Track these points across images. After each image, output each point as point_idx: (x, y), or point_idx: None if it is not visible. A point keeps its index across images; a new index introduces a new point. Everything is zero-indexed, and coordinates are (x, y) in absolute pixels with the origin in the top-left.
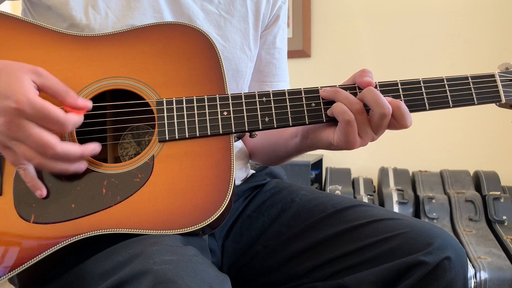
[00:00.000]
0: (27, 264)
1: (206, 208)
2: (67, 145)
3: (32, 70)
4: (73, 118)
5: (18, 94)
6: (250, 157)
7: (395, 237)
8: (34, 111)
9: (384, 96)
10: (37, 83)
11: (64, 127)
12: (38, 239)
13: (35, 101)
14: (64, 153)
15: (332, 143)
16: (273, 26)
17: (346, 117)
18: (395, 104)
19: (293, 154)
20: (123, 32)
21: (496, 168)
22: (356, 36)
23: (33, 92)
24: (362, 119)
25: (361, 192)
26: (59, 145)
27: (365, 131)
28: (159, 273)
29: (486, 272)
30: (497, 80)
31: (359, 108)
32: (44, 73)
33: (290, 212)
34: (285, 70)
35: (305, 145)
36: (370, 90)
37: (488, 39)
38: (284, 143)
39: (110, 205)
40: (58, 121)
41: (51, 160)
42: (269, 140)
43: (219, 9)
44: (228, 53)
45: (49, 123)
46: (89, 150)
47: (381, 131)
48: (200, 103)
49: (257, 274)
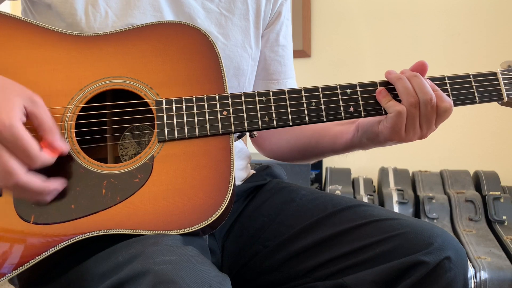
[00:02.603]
0: (27, 265)
1: (206, 208)
2: (30, 178)
3: (29, 96)
4: (44, 157)
5: (3, 115)
6: (272, 156)
7: (395, 237)
8: (11, 137)
9: None
10: (28, 110)
11: (32, 162)
12: (38, 240)
13: (16, 127)
14: (25, 185)
15: (378, 134)
16: (275, 24)
17: (410, 99)
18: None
19: (338, 151)
20: (123, 31)
21: (496, 168)
22: (356, 36)
23: (18, 118)
24: (414, 112)
25: (361, 192)
26: (22, 176)
27: (414, 126)
28: (159, 273)
29: (486, 272)
30: (499, 78)
31: (414, 101)
32: (39, 103)
33: (290, 212)
34: (291, 66)
35: (356, 138)
36: (417, 76)
37: (488, 39)
38: (331, 140)
39: (110, 206)
40: (29, 155)
41: (13, 188)
42: (309, 138)
43: (220, 7)
44: (230, 52)
45: (20, 153)
46: (50, 188)
47: (428, 125)
48: (199, 102)
49: (257, 274)
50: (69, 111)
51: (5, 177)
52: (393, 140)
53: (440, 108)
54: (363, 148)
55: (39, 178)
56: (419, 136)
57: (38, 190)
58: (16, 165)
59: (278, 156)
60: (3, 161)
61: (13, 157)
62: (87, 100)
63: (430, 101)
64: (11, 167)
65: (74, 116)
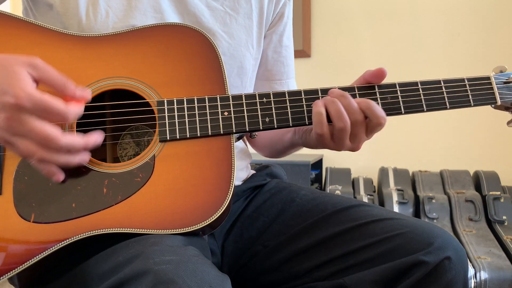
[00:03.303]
0: (27, 264)
1: (207, 207)
2: (70, 136)
3: (28, 62)
4: (74, 109)
5: (16, 89)
6: (258, 150)
7: (395, 237)
8: (34, 105)
9: (372, 98)
10: (34, 76)
11: (65, 118)
12: (38, 239)
13: (34, 95)
14: (68, 145)
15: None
16: (278, 25)
17: (340, 124)
18: (365, 105)
19: (289, 148)
20: (124, 32)
21: (496, 168)
22: (356, 36)
23: (31, 86)
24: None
25: (361, 192)
26: (62, 137)
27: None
28: (159, 273)
29: (486, 272)
30: (493, 82)
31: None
32: (40, 65)
33: (290, 212)
34: (292, 66)
35: (295, 140)
36: (334, 102)
37: (488, 39)
38: (281, 137)
39: (111, 205)
40: (59, 112)
41: (55, 153)
42: (270, 136)
43: (224, 6)
44: (234, 51)
45: (50, 115)
46: (92, 140)
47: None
48: (201, 103)
49: (257, 274)
50: None
51: (46, 143)
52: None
53: (371, 123)
54: (308, 147)
55: (77, 135)
56: (349, 148)
57: (80, 145)
58: (52, 129)
59: (261, 153)
60: (39, 130)
61: (45, 122)
62: None
63: (357, 122)
64: (48, 131)
65: None
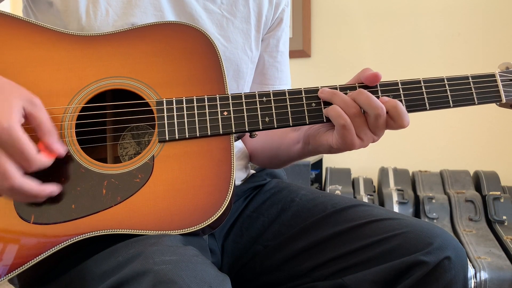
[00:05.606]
0: (27, 265)
1: (207, 208)
2: (26, 181)
3: (28, 98)
4: (41, 160)
5: (1, 117)
6: (250, 159)
7: (395, 237)
8: (9, 139)
9: (383, 96)
10: (26, 111)
11: (28, 165)
12: (38, 240)
13: (14, 130)
14: (20, 188)
15: (332, 146)
16: (276, 30)
17: (341, 121)
18: (392, 104)
19: (295, 159)
20: (123, 31)
21: (496, 168)
22: (356, 36)
23: (17, 120)
24: (360, 121)
25: (361, 192)
26: (17, 179)
27: (364, 133)
28: (159, 273)
29: (486, 272)
30: (498, 79)
31: (356, 111)
32: (38, 104)
33: (290, 212)
34: (287, 72)
35: (307, 150)
36: (361, 93)
37: (488, 39)
38: (287, 148)
39: (111, 206)
40: (26, 157)
41: (7, 190)
42: (271, 145)
43: (222, 9)
44: (230, 54)
45: (17, 155)
46: (46, 193)
47: (380, 132)
48: (200, 103)
49: (257, 274)
50: (69, 111)
51: (0, 179)
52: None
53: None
54: (319, 153)
55: (35, 182)
56: (360, 144)
57: (33, 194)
58: (12, 168)
59: (255, 162)
60: (0, 164)
61: (10, 159)
62: (88, 100)
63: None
64: (7, 169)
65: (74, 116)
